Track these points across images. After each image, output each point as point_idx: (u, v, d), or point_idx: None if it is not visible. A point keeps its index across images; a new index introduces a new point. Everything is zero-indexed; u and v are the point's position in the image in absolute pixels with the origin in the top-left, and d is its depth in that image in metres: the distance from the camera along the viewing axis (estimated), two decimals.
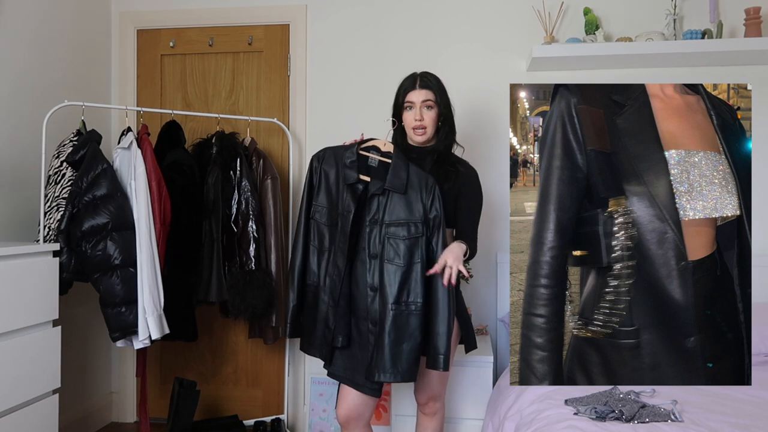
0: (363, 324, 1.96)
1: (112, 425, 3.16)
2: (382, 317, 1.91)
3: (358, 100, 3.04)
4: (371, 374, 1.90)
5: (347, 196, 1.97)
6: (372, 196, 1.96)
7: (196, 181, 2.59)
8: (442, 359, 1.90)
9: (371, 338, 1.93)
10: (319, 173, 2.04)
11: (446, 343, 1.90)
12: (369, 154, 2.01)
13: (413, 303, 1.91)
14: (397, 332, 1.89)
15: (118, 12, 3.21)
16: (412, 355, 1.91)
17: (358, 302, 1.97)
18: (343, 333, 1.96)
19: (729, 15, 2.77)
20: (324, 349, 1.99)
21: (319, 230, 2.03)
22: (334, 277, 1.96)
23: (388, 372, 1.88)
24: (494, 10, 2.97)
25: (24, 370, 1.99)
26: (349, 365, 1.98)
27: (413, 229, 1.93)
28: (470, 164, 2.10)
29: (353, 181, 1.97)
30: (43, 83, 2.70)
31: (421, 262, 1.92)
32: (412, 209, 1.94)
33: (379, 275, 1.93)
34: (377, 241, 1.94)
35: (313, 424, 2.79)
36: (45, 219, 2.31)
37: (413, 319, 1.90)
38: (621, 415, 1.67)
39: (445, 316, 1.91)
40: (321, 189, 2.04)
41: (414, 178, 1.97)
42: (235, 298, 2.58)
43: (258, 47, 3.13)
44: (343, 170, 2.00)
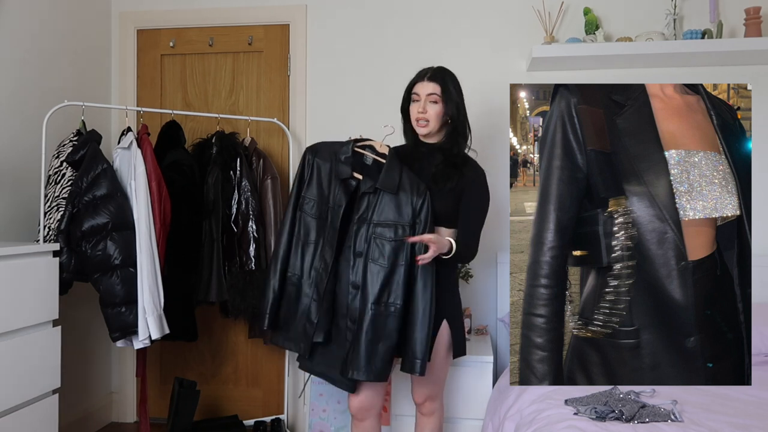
0: (342, 321, 1.97)
1: (112, 425, 3.16)
2: (361, 316, 1.91)
3: (358, 100, 3.04)
4: (345, 370, 1.92)
5: (339, 191, 1.97)
6: (363, 195, 1.96)
7: (196, 181, 2.59)
8: (419, 364, 1.90)
9: (349, 335, 1.94)
10: (311, 165, 2.04)
11: (425, 348, 1.91)
12: (365, 152, 2.02)
13: (393, 304, 1.91)
14: (374, 332, 1.90)
15: (118, 12, 3.20)
16: (387, 356, 1.92)
17: (339, 299, 1.98)
18: (323, 329, 1.97)
19: (729, 15, 2.77)
20: (303, 343, 1.99)
21: (305, 222, 2.03)
22: (321, 271, 1.97)
23: (361, 370, 1.89)
24: (494, 10, 2.96)
25: (24, 370, 1.99)
26: (323, 360, 2.00)
27: (400, 231, 1.93)
28: (479, 165, 2.08)
29: (347, 176, 1.97)
30: (43, 83, 2.70)
31: (405, 264, 1.92)
32: (402, 211, 1.94)
33: (363, 274, 1.93)
34: (363, 239, 1.94)
35: (313, 424, 2.79)
36: (45, 219, 2.31)
37: (391, 320, 1.91)
38: (621, 415, 1.67)
39: (426, 322, 1.91)
40: (312, 181, 2.04)
41: (406, 181, 1.96)
42: (235, 298, 2.58)
43: (258, 47, 3.13)
44: (337, 165, 2.00)
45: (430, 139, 2.06)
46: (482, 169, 2.07)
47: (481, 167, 2.08)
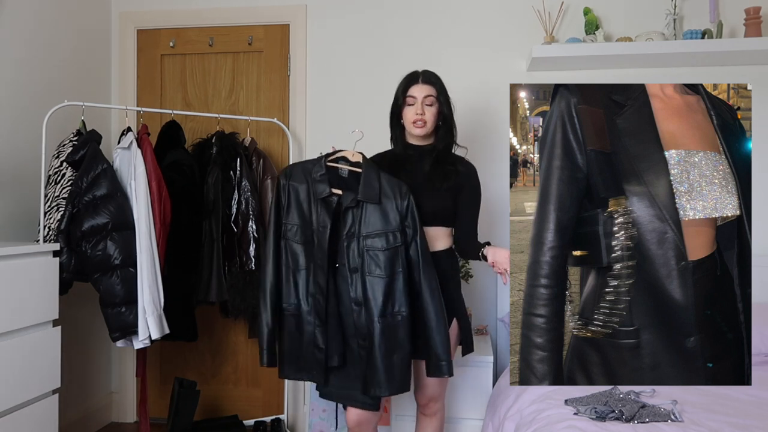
0: (352, 341, 1.93)
1: (112, 425, 3.16)
2: (370, 331, 1.88)
3: (358, 99, 3.04)
4: (367, 389, 1.89)
5: (321, 211, 1.93)
6: (346, 210, 1.92)
7: (196, 181, 2.59)
8: (446, 366, 1.90)
9: (362, 353, 1.91)
10: (287, 191, 1.98)
11: (447, 348, 1.91)
12: (338, 165, 1.98)
13: (399, 313, 1.89)
14: (387, 345, 1.87)
15: (118, 12, 3.21)
16: (404, 365, 1.90)
17: (344, 319, 1.94)
18: (338, 352, 1.92)
19: (729, 15, 2.77)
20: (316, 370, 1.93)
21: (292, 250, 1.96)
22: (317, 296, 1.91)
23: (383, 386, 1.87)
24: (494, 11, 2.97)
25: (24, 370, 1.99)
26: (342, 384, 1.96)
27: (391, 239, 1.91)
28: (469, 161, 2.10)
29: (326, 194, 1.92)
30: (43, 83, 2.70)
31: (402, 270, 1.91)
32: (388, 218, 1.92)
33: (362, 289, 1.90)
34: (356, 254, 1.91)
35: (313, 424, 2.79)
36: (45, 219, 2.31)
37: (400, 329, 1.89)
38: (621, 415, 1.67)
39: (441, 322, 1.91)
40: (291, 207, 1.97)
41: (387, 187, 1.94)
42: (235, 298, 2.58)
43: (258, 47, 3.13)
44: (314, 184, 1.95)
45: (420, 140, 2.07)
46: (473, 164, 2.10)
47: (471, 162, 2.10)
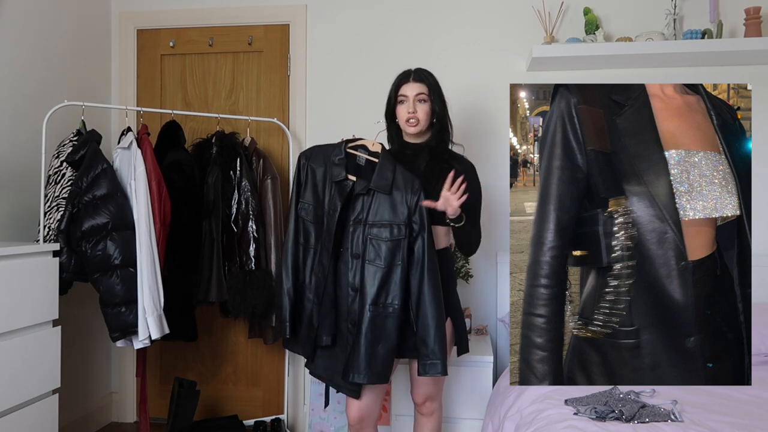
0: (344, 324, 1.97)
1: (112, 425, 3.16)
2: (360, 318, 1.91)
3: (358, 99, 3.04)
4: (346, 374, 1.91)
5: (335, 194, 1.96)
6: (357, 196, 1.96)
7: (196, 181, 2.59)
8: (440, 365, 1.90)
9: (350, 338, 1.94)
10: (306, 170, 2.04)
11: (443, 347, 1.90)
12: (357, 153, 2.01)
13: (390, 305, 1.91)
14: (373, 333, 1.89)
15: (118, 12, 3.21)
16: (387, 357, 1.91)
17: (340, 302, 1.97)
18: (327, 332, 1.96)
19: (729, 15, 2.77)
20: (307, 346, 2.00)
21: (305, 228, 2.03)
22: (320, 276, 1.97)
23: (362, 373, 1.88)
24: (494, 11, 2.96)
25: (24, 370, 1.99)
26: (329, 365, 2.00)
27: (396, 231, 1.92)
28: (466, 158, 2.10)
29: (341, 178, 1.97)
30: (43, 83, 2.70)
31: (402, 264, 1.92)
32: (396, 210, 1.93)
33: (360, 275, 1.92)
34: (360, 241, 1.93)
35: (313, 424, 2.79)
36: (45, 219, 2.31)
37: (390, 321, 1.90)
38: (621, 415, 1.67)
39: (440, 322, 1.91)
40: (308, 186, 2.03)
41: (400, 180, 1.95)
42: (235, 298, 2.58)
43: (258, 47, 3.13)
44: (331, 168, 1.99)
45: (416, 138, 2.07)
46: (470, 161, 2.09)
47: (469, 159, 2.10)
